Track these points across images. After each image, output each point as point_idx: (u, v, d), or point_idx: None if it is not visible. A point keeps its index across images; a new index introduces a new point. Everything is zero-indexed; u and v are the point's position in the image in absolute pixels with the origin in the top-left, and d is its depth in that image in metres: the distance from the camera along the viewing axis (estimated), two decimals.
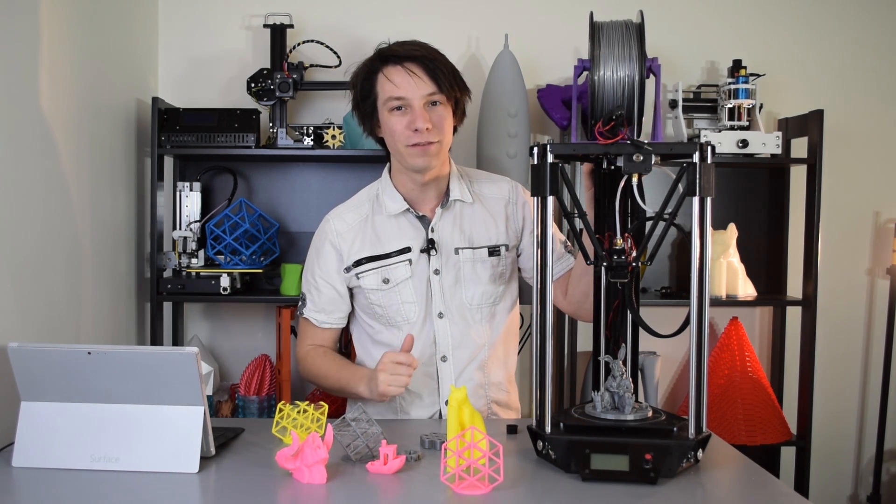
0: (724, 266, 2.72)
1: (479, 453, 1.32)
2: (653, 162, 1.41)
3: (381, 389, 1.68)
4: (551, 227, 1.44)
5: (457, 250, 1.86)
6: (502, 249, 1.89)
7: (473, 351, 1.87)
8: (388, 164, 1.93)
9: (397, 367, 1.67)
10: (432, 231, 1.86)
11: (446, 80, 1.77)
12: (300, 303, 1.96)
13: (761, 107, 2.76)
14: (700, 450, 1.43)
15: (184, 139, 2.56)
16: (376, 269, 1.86)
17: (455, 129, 1.88)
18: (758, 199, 2.94)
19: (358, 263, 1.87)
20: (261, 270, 2.62)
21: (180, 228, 2.65)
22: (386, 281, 1.85)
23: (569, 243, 1.94)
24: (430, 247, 1.85)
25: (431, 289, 1.85)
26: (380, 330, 1.90)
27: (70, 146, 2.11)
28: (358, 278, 1.87)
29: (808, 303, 2.72)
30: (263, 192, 2.84)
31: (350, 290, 1.92)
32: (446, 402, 1.85)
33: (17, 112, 1.83)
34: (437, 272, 1.85)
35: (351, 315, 1.97)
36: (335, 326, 1.94)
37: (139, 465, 1.41)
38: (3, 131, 1.77)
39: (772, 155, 2.68)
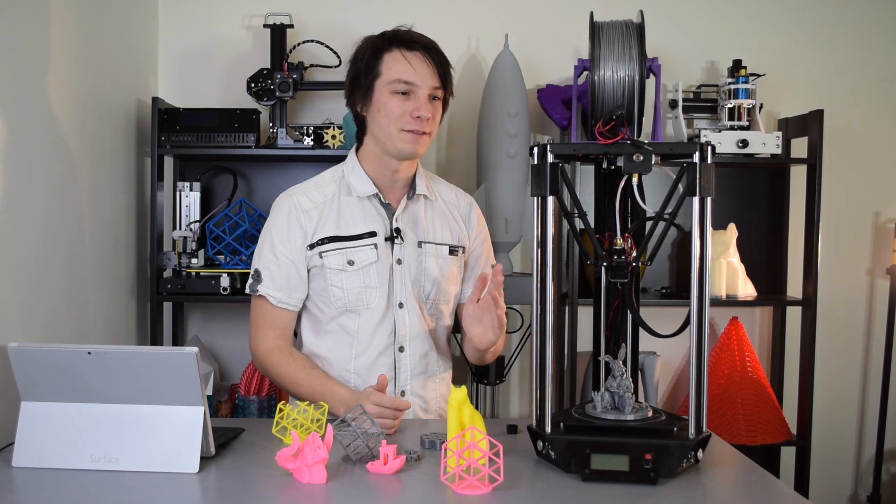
0: (724, 266, 2.73)
1: (479, 453, 1.32)
2: (653, 162, 1.41)
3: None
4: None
5: (420, 243, 1.87)
6: (459, 251, 1.92)
7: (427, 343, 1.88)
8: (354, 146, 1.91)
9: (384, 412, 1.62)
10: (396, 221, 1.86)
11: (447, 77, 1.82)
12: (251, 280, 1.86)
13: (761, 107, 2.76)
14: (700, 450, 1.43)
15: (184, 139, 2.56)
16: (341, 250, 1.82)
17: None
18: (758, 199, 2.94)
19: (322, 242, 1.82)
20: None
21: (180, 228, 2.65)
22: (351, 262, 1.82)
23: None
24: (394, 235, 1.85)
25: (393, 278, 1.84)
26: (333, 316, 1.84)
27: (70, 146, 2.11)
28: (321, 257, 1.82)
29: (808, 303, 2.72)
30: (263, 192, 2.84)
31: (308, 270, 1.85)
32: (402, 393, 1.85)
33: (17, 112, 1.83)
34: (399, 262, 1.85)
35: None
36: (291, 309, 1.86)
37: (139, 465, 1.40)
38: (4, 132, 1.77)
39: (772, 155, 2.68)
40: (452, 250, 1.90)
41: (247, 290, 1.89)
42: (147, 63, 2.75)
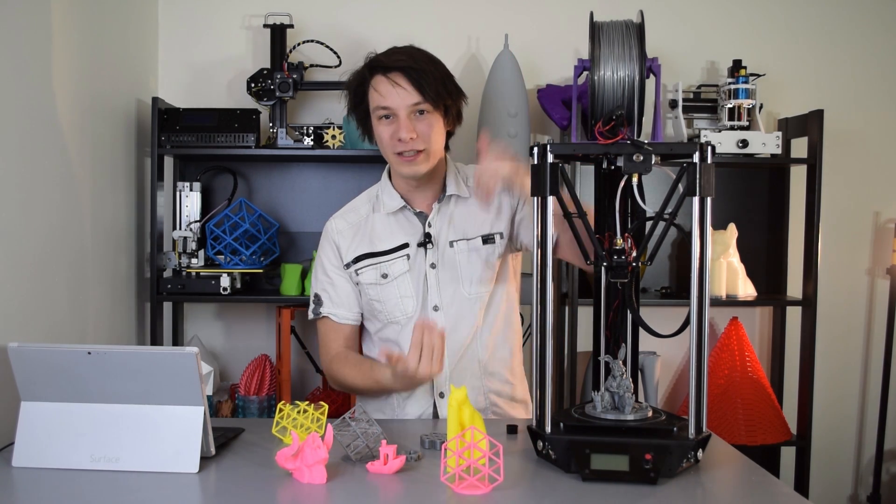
0: (724, 266, 2.73)
1: (479, 453, 1.32)
2: (653, 162, 1.41)
3: (423, 373, 1.63)
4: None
5: (451, 243, 1.87)
6: (496, 237, 1.89)
7: (465, 340, 1.87)
8: (387, 165, 1.95)
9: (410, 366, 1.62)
10: (429, 226, 1.88)
11: (432, 88, 1.77)
12: (313, 305, 1.94)
13: (761, 107, 2.76)
14: (700, 450, 1.43)
15: (184, 139, 2.56)
16: (374, 265, 1.88)
17: (451, 133, 1.91)
18: (758, 199, 2.94)
19: (357, 260, 1.90)
20: (261, 270, 2.62)
21: (180, 228, 2.66)
22: (384, 276, 1.88)
23: None
24: (426, 240, 1.87)
25: (428, 282, 1.87)
26: (378, 329, 1.91)
27: (70, 146, 2.11)
28: (357, 274, 1.90)
29: (808, 303, 2.72)
30: (263, 192, 2.84)
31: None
32: (441, 395, 1.86)
33: (17, 113, 1.83)
34: (433, 266, 1.87)
35: None
36: (354, 323, 1.93)
37: (139, 465, 1.40)
38: (4, 132, 1.77)
39: (772, 155, 2.68)
40: (487, 239, 1.88)
41: (310, 316, 1.95)
42: (147, 63, 2.75)
